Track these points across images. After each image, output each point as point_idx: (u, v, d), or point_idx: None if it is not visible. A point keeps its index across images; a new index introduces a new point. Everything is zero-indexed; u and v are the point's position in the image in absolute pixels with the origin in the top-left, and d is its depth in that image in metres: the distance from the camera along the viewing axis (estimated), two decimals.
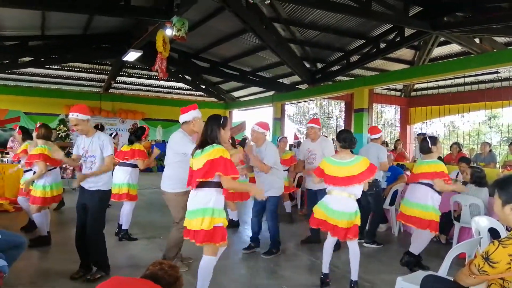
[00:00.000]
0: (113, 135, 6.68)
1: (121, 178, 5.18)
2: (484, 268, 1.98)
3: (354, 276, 3.73)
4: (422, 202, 4.20)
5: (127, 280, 1.83)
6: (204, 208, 3.05)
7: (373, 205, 5.48)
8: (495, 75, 10.01)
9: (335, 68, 10.74)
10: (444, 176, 4.12)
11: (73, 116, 3.67)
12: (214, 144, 3.09)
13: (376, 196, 5.49)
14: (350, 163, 3.62)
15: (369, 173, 3.58)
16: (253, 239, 4.99)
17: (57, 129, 12.85)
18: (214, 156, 3.00)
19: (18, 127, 5.94)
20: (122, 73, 13.66)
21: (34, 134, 5.05)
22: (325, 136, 6.56)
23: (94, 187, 3.76)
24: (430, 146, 4.28)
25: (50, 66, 12.65)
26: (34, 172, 4.94)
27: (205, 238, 3.02)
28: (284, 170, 6.28)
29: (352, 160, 3.64)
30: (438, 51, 10.21)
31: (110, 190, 3.93)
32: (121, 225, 5.30)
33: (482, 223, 3.17)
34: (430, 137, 4.48)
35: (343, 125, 13.28)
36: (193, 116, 3.92)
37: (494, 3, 7.12)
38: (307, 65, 11.06)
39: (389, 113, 18.26)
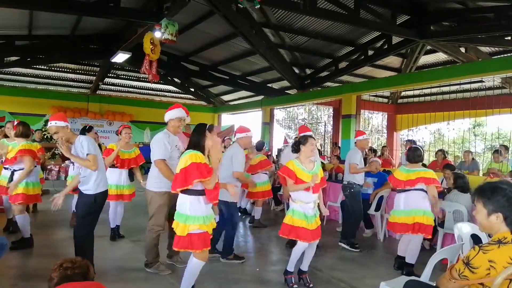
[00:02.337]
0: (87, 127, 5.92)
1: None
2: (464, 273, 2.01)
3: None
4: (422, 207, 4.29)
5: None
6: (179, 213, 3.14)
7: (350, 206, 5.57)
8: (480, 84, 10.22)
9: (324, 74, 10.83)
10: (437, 183, 4.33)
11: (51, 124, 3.66)
12: (190, 150, 3.14)
13: (351, 197, 5.56)
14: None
15: None
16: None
17: (43, 129, 12.65)
18: (185, 164, 3.05)
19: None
20: (110, 75, 13.55)
21: (12, 132, 4.97)
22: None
23: (83, 190, 3.79)
24: (422, 154, 4.40)
25: (37, 66, 12.49)
26: (14, 171, 4.78)
27: (182, 244, 3.09)
28: (263, 174, 6.31)
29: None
30: (424, 59, 10.39)
31: (97, 195, 3.76)
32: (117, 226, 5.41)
33: (464, 229, 3.21)
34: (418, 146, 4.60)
35: (331, 130, 13.37)
36: (168, 118, 4.12)
37: (479, 13, 7.28)
38: (296, 71, 11.14)
39: (377, 120, 18.46)
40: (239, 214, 5.23)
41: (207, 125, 3.27)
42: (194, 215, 3.09)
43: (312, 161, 3.92)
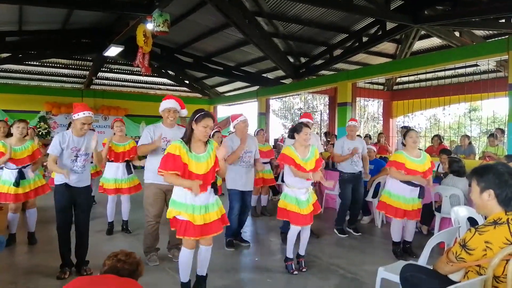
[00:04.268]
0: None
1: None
2: (461, 255, 2.02)
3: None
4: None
5: (90, 279, 1.80)
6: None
7: (339, 194, 5.66)
8: (474, 68, 10.20)
9: (319, 62, 10.78)
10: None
11: (89, 114, 3.67)
12: (177, 140, 3.15)
13: (340, 185, 5.67)
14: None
15: None
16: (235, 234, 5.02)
17: (38, 126, 12.58)
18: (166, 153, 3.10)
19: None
20: (103, 69, 13.43)
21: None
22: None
23: (87, 182, 3.85)
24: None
25: (29, 62, 12.33)
26: (21, 170, 4.71)
27: (171, 224, 3.18)
28: (264, 163, 6.28)
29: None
30: (419, 44, 10.35)
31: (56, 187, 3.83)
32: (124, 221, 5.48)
33: (461, 212, 3.22)
34: None
35: (327, 119, 13.36)
36: (160, 110, 4.13)
37: None
38: (291, 60, 11.08)
39: (373, 107, 18.44)
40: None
41: (195, 114, 3.13)
42: (179, 201, 3.09)
43: (307, 146, 4.01)
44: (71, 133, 3.72)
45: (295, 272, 3.94)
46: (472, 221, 3.18)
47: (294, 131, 4.06)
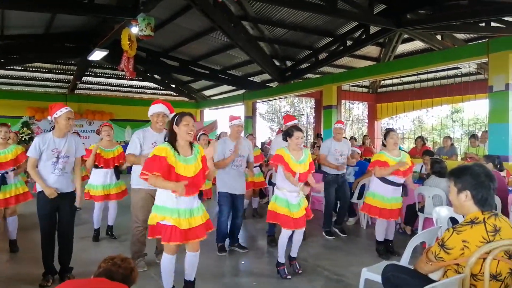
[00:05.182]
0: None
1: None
2: (440, 254, 2.06)
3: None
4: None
5: (82, 282, 1.80)
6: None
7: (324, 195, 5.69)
8: (456, 70, 10.41)
9: (304, 65, 10.86)
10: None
11: (70, 109, 3.69)
12: (163, 143, 3.13)
13: (324, 186, 5.66)
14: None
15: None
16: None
17: (20, 132, 12.36)
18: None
19: None
20: (88, 73, 13.30)
21: None
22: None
23: (70, 188, 3.78)
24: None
25: (11, 67, 12.15)
26: (3, 175, 4.62)
27: (151, 233, 3.13)
28: (254, 167, 6.28)
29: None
30: (402, 48, 10.52)
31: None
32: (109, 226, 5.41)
33: (442, 213, 3.28)
34: None
35: (313, 122, 13.46)
36: (148, 115, 4.07)
37: (453, 1, 7.40)
38: (277, 63, 11.14)
39: (358, 110, 18.64)
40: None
41: (175, 117, 3.12)
42: (162, 206, 3.06)
43: (301, 149, 4.01)
44: (52, 135, 3.67)
45: (288, 277, 3.91)
46: (454, 221, 3.24)
47: (287, 134, 4.05)
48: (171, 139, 3.09)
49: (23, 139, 12.11)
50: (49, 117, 3.66)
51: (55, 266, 3.79)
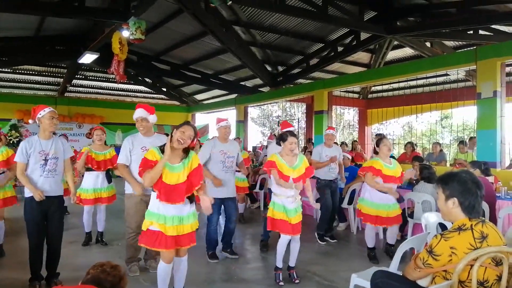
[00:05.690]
0: None
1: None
2: (428, 261, 2.07)
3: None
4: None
5: None
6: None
7: (319, 199, 5.69)
8: (445, 77, 10.54)
9: (296, 71, 10.92)
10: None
11: (53, 109, 3.69)
12: (153, 147, 3.20)
13: (317, 192, 5.75)
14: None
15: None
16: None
17: (9, 134, 12.18)
18: None
19: None
20: (78, 76, 13.20)
21: None
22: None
23: (59, 192, 3.73)
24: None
25: (0, 69, 12.00)
26: None
27: (141, 240, 3.11)
28: (238, 171, 6.25)
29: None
30: (392, 54, 10.63)
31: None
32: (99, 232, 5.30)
33: (431, 219, 3.30)
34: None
35: (305, 127, 13.51)
36: (134, 118, 4.05)
37: (442, 8, 7.51)
38: (269, 68, 11.18)
39: (349, 115, 18.75)
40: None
41: (179, 124, 3.20)
42: (152, 211, 3.07)
43: (295, 154, 3.99)
44: (38, 137, 3.64)
45: (281, 283, 3.89)
46: (443, 227, 3.26)
47: (281, 139, 4.04)
48: (166, 143, 3.10)
49: (11, 142, 11.93)
50: (30, 121, 3.64)
51: (41, 272, 3.73)
